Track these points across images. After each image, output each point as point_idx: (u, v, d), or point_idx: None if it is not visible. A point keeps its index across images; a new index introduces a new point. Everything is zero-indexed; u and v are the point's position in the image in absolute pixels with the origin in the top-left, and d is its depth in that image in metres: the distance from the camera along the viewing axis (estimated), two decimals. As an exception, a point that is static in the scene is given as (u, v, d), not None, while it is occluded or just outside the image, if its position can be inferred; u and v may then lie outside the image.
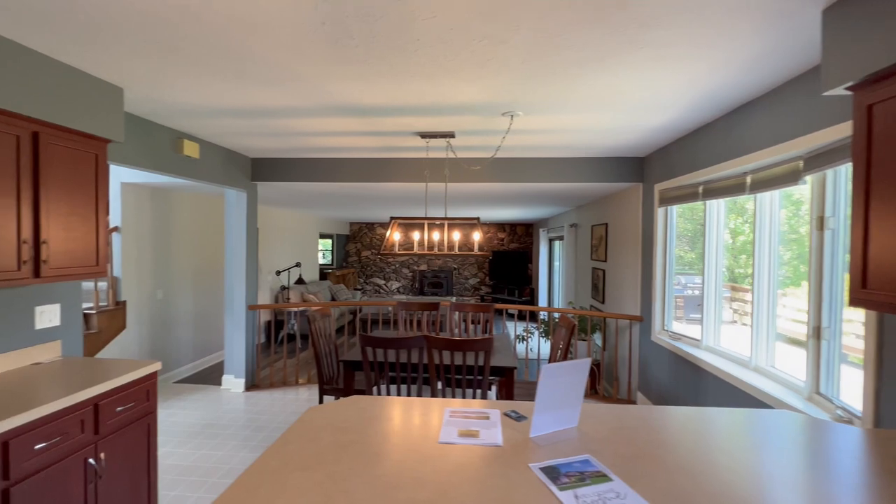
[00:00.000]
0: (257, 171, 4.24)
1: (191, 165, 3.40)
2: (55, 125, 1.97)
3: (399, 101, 2.51)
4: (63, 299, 2.35)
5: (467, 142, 3.38)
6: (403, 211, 7.29)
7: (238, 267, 4.24)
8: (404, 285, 11.90)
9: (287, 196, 5.55)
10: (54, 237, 1.97)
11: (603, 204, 5.24)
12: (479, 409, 1.66)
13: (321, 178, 4.13)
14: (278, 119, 2.88)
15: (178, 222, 5.18)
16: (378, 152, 3.85)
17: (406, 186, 4.26)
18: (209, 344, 5.76)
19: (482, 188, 4.40)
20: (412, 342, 2.55)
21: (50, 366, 2.15)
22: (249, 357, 4.30)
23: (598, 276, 5.27)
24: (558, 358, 3.00)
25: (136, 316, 4.58)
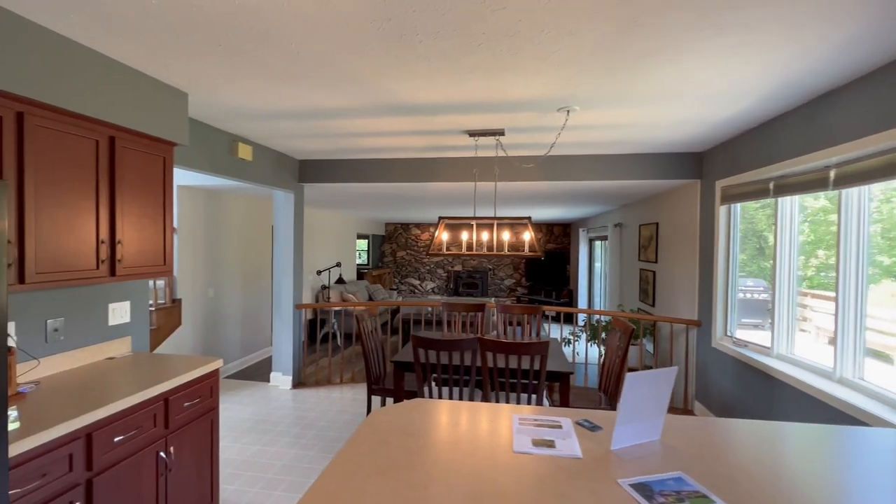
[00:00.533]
0: (304, 172, 4.32)
1: (244, 167, 3.50)
2: (129, 129, 2.05)
3: (453, 99, 2.46)
4: (133, 297, 2.45)
5: (516, 139, 3.30)
6: (447, 211, 7.25)
7: (286, 267, 4.33)
8: (439, 286, 11.90)
9: (329, 197, 5.64)
10: (128, 237, 2.05)
11: (653, 202, 5.01)
12: (549, 417, 1.58)
13: (366, 178, 4.16)
14: (329, 120, 2.90)
15: (228, 224, 5.36)
16: (424, 152, 3.83)
17: (451, 186, 4.22)
18: (255, 341, 5.94)
19: (528, 187, 4.30)
20: (465, 344, 2.50)
21: (122, 360, 2.24)
22: (296, 355, 4.39)
23: (647, 277, 5.05)
24: (614, 363, 2.86)
25: (190, 313, 4.77)
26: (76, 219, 1.81)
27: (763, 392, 2.83)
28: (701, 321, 3.69)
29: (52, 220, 1.71)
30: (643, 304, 5.17)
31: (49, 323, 2.00)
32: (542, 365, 2.45)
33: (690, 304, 3.91)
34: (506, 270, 11.50)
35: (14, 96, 1.58)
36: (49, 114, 1.71)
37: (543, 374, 2.46)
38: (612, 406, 2.81)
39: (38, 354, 1.95)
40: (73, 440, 1.52)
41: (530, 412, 1.64)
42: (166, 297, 4.49)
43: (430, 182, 4.01)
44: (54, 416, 1.53)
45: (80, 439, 1.54)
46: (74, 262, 1.80)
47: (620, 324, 3.00)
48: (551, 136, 3.21)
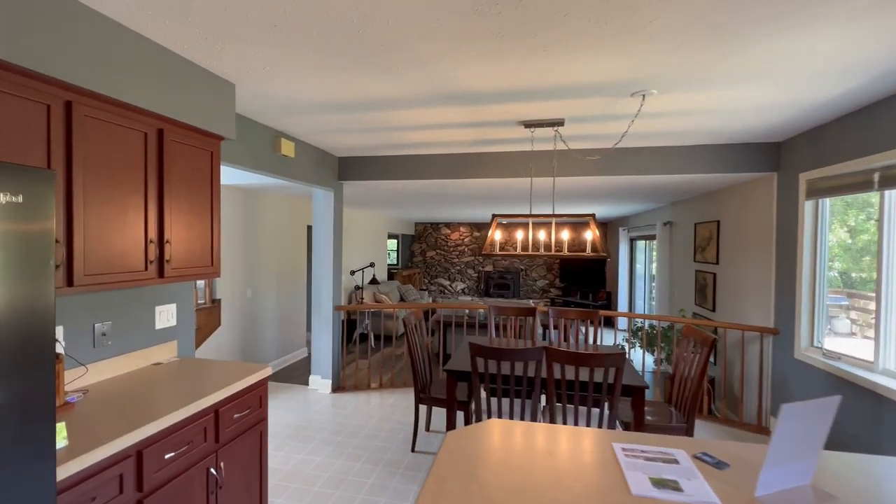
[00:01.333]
0: (344, 170, 4.19)
1: (287, 164, 3.37)
2: (177, 122, 1.92)
3: (517, 85, 2.24)
4: (179, 299, 2.34)
5: (575, 130, 3.04)
6: (491, 209, 7.01)
7: (325, 267, 4.21)
8: (469, 286, 11.68)
9: (364, 195, 5.51)
10: (176, 237, 1.92)
11: (712, 199, 4.64)
12: (658, 448, 1.34)
13: (408, 175, 3.98)
14: (379, 112, 2.73)
15: (265, 223, 5.31)
16: (470, 146, 3.62)
17: (497, 183, 3.99)
18: (290, 342, 5.88)
19: (580, 183, 4.03)
20: (530, 354, 2.27)
21: (169, 366, 2.13)
22: (335, 358, 4.26)
23: (706, 280, 4.68)
24: (693, 377, 2.57)
25: (229, 314, 4.72)
26: (125, 216, 1.68)
27: (867, 413, 2.48)
28: (779, 329, 3.34)
29: (100, 217, 1.59)
30: (701, 308, 4.79)
31: (97, 327, 1.89)
32: (617, 378, 2.20)
33: (763, 309, 3.55)
34: (538, 271, 11.17)
35: (62, 83, 1.46)
36: (97, 104, 1.59)
37: (618, 389, 2.21)
38: (688, 423, 2.52)
39: (85, 360, 1.85)
40: (124, 458, 1.38)
41: (633, 440, 1.40)
42: (206, 297, 4.45)
43: (476, 178, 3.80)
44: (104, 430, 1.40)
45: (130, 457, 1.41)
46: (123, 263, 1.68)
47: (695, 333, 2.70)
48: (616, 126, 2.94)
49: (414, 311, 3.25)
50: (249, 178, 4.31)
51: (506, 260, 11.35)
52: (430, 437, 3.28)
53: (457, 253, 11.72)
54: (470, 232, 11.57)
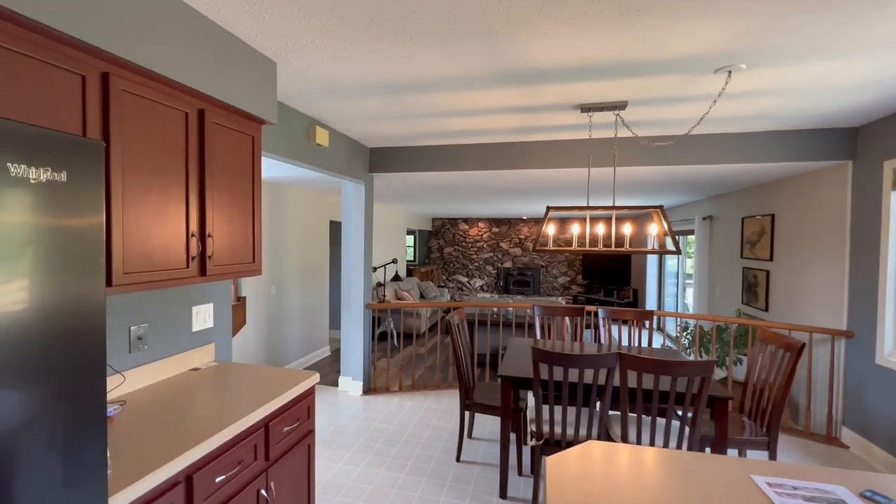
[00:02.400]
0: (375, 161, 3.98)
1: (320, 154, 3.18)
2: (219, 102, 1.72)
3: (589, 60, 2.00)
4: (216, 298, 2.16)
5: (635, 115, 2.79)
6: (529, 204, 6.75)
7: (356, 263, 4.02)
8: (488, 283, 11.46)
9: (388, 189, 5.30)
10: (218, 231, 1.73)
11: (764, 190, 4.34)
12: (813, 485, 1.11)
13: (444, 166, 3.76)
14: (425, 94, 2.51)
15: (289, 218, 5.13)
16: (514, 135, 3.38)
17: (546, 174, 3.74)
18: (313, 341, 5.72)
19: (630, 174, 3.76)
20: (602, 360, 2.05)
21: (207, 372, 1.94)
22: (366, 359, 4.07)
23: (757, 277, 4.39)
24: (776, 386, 2.32)
25: (254, 312, 4.56)
26: (165, 207, 1.49)
27: (977, 427, 2.21)
28: (854, 332, 3.06)
29: (140, 207, 1.40)
30: (751, 307, 4.51)
31: (133, 331, 1.71)
32: (702, 388, 1.96)
33: (833, 310, 3.27)
34: (559, 268, 10.90)
35: (98, 52, 1.27)
36: (136, 77, 1.39)
37: (704, 401, 1.97)
38: (770, 437, 2.28)
39: (122, 367, 1.67)
40: (173, 486, 1.20)
41: (774, 472, 1.17)
42: (232, 294, 4.29)
43: (518, 169, 3.56)
44: (148, 451, 1.21)
45: (180, 484, 1.22)
46: (164, 260, 1.49)
47: (776, 337, 2.45)
48: (682, 110, 2.68)
49: (457, 311, 3.04)
50: (273, 171, 4.13)
51: (525, 256, 11.11)
52: (473, 445, 3.07)
53: (475, 249, 11.50)
54: (489, 227, 11.33)
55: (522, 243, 11.13)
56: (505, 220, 11.24)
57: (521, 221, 11.12)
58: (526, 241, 11.09)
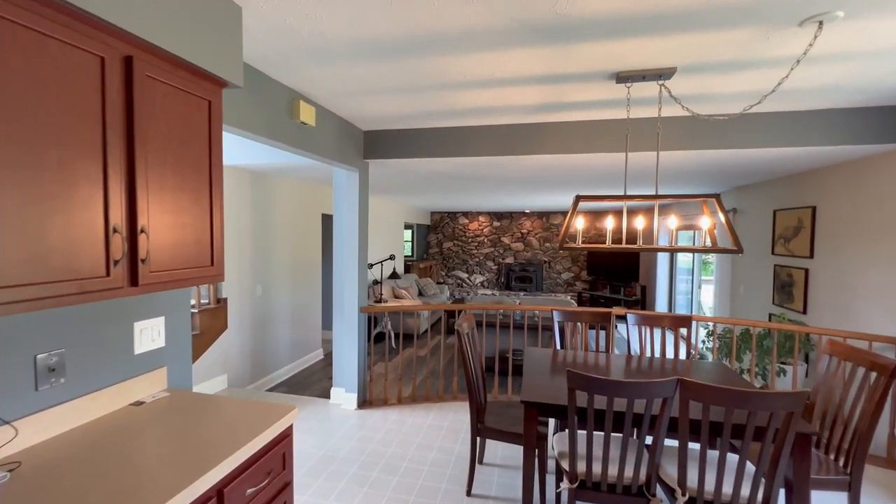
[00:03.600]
0: (370, 146, 3.52)
1: (306, 135, 2.71)
2: (156, 49, 1.26)
3: (637, 7, 1.56)
4: (169, 309, 1.71)
5: (682, 87, 2.35)
6: (546, 195, 6.27)
7: (349, 262, 3.56)
8: (489, 279, 11.04)
9: (385, 180, 4.84)
10: (156, 224, 1.27)
11: (802, 180, 3.93)
12: None
13: (451, 151, 3.30)
14: (432, 56, 2.06)
15: (276, 211, 4.67)
16: (534, 113, 2.92)
17: (570, 161, 3.29)
18: (305, 344, 5.28)
19: (670, 160, 3.30)
20: (658, 388, 1.62)
21: (154, 406, 1.50)
22: (362, 369, 3.64)
23: (793, 276, 3.99)
24: (859, 416, 1.91)
25: (237, 314, 4.11)
26: (70, 191, 1.04)
27: None
28: (925, 341, 2.66)
29: (23, 192, 0.94)
30: (786, 309, 4.11)
31: (40, 360, 1.26)
32: (788, 425, 1.54)
33: (893, 313, 2.87)
34: (563, 263, 10.49)
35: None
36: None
37: (790, 440, 1.55)
38: (853, 476, 1.87)
39: (21, 412, 1.22)
40: None
41: None
42: (211, 296, 3.84)
43: (540, 155, 3.11)
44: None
45: None
46: (69, 266, 1.04)
47: (850, 352, 2.03)
48: (745, 80, 2.24)
49: (466, 317, 2.60)
50: (255, 158, 3.67)
51: (528, 251, 10.69)
52: (486, 473, 2.66)
53: (475, 244, 11.07)
54: (490, 221, 10.89)
55: (525, 238, 10.70)
56: (507, 213, 10.80)
57: (523, 215, 10.69)
58: (528, 236, 10.67)
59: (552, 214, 10.48)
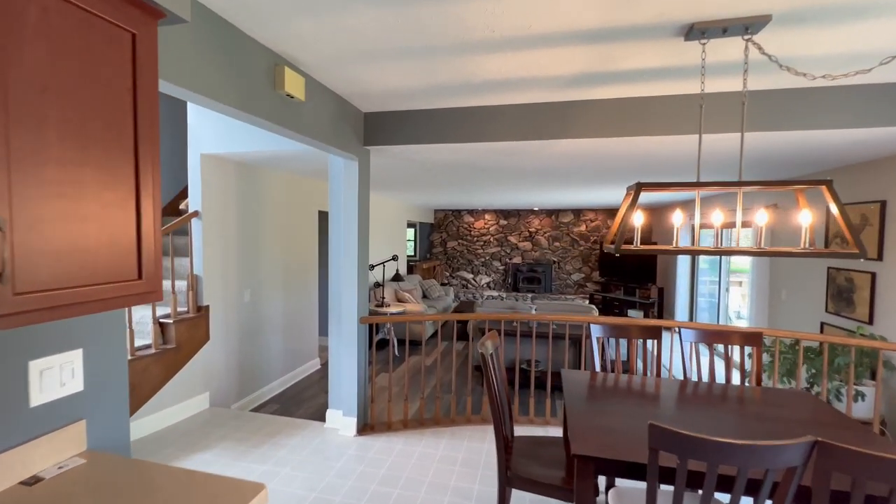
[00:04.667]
0: (371, 131, 3.02)
1: (292, 110, 2.22)
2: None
3: None
4: (90, 338, 1.22)
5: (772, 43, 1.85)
6: (571, 191, 5.71)
7: (347, 265, 3.08)
8: (495, 280, 10.56)
9: (387, 172, 4.35)
10: (28, 215, 0.79)
11: (864, 171, 3.43)
12: None
13: (470, 136, 2.81)
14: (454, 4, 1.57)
15: (267, 207, 4.18)
16: (574, 86, 2.42)
17: (608, 147, 2.78)
18: (300, 353, 4.80)
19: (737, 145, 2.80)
20: (782, 455, 1.13)
21: (55, 486, 1.02)
22: (362, 388, 3.15)
23: (854, 281, 3.49)
24: None
25: (221, 324, 3.63)
26: None
27: None
28: None
29: None
30: (842, 318, 3.61)
31: None
32: None
33: None
34: (573, 263, 10.00)
35: None
36: None
37: None
38: None
39: None
40: None
41: None
42: (189, 304, 3.36)
43: (578, 139, 2.61)
44: None
45: None
46: None
47: None
48: (853, 34, 1.75)
49: (490, 335, 2.12)
50: (243, 144, 3.19)
51: (536, 251, 10.19)
52: (512, 525, 2.17)
53: (481, 243, 10.58)
54: (496, 220, 10.40)
55: (533, 237, 10.21)
56: (514, 211, 10.31)
57: (531, 213, 10.20)
58: (537, 235, 10.17)
59: (561, 212, 9.99)
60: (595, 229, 9.83)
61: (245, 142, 3.20)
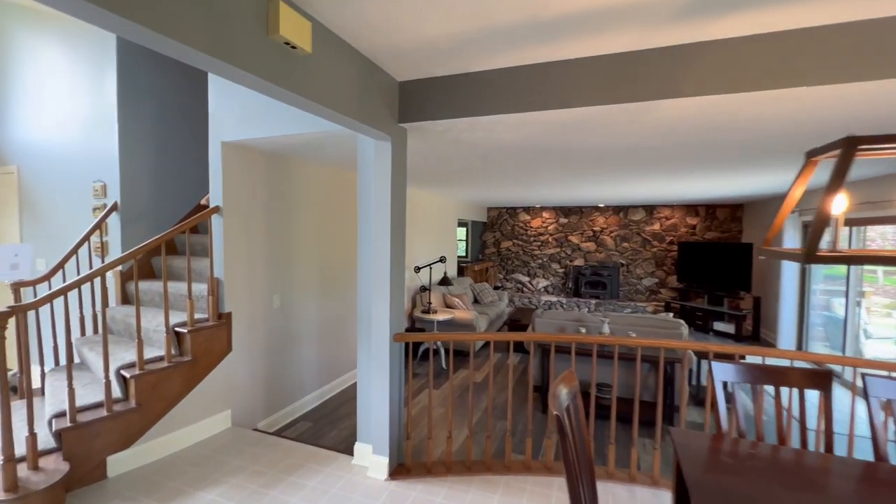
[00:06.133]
0: (409, 104, 2.44)
1: (294, 66, 1.68)
2: None
3: None
4: None
5: None
6: (646, 182, 4.73)
7: (378, 270, 2.52)
8: (554, 283, 9.67)
9: (428, 163, 3.75)
10: None
11: None
12: None
13: (533, 103, 2.13)
14: None
15: (301, 204, 3.77)
16: (682, 21, 1.69)
17: (732, 105, 1.98)
18: (338, 364, 4.36)
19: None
20: None
21: None
22: (396, 421, 2.58)
23: None
24: None
25: (246, 332, 3.24)
26: None
27: None
28: None
29: None
30: None
31: None
32: None
33: None
34: (645, 266, 8.86)
35: None
36: None
37: None
38: None
39: None
40: None
41: None
42: (210, 311, 2.99)
43: (689, 97, 1.85)
44: None
45: None
46: None
47: None
48: None
49: (566, 378, 1.44)
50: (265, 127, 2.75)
51: (601, 252, 9.16)
52: None
53: (538, 243, 9.74)
54: (555, 218, 9.50)
55: (597, 237, 9.20)
56: (575, 208, 9.36)
57: (595, 210, 9.20)
58: (602, 235, 9.15)
59: (631, 209, 8.89)
60: (671, 228, 8.62)
61: (266, 125, 2.76)
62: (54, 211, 3.78)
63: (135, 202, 3.48)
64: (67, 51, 3.57)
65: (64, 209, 3.71)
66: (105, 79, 3.40)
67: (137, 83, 3.48)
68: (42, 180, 3.82)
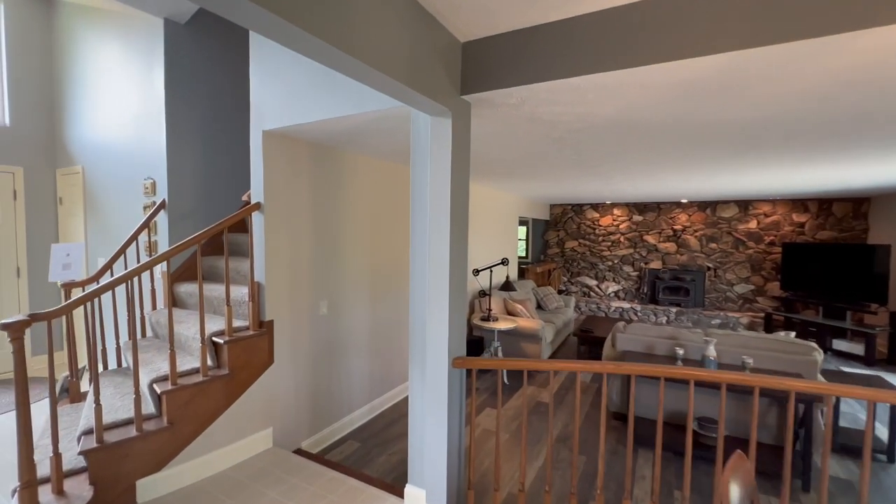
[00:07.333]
0: (474, 70, 1.94)
1: (332, 15, 1.25)
2: None
3: None
4: None
5: None
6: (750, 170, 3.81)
7: (434, 277, 2.04)
8: (626, 288, 8.72)
9: (494, 151, 3.22)
10: None
11: None
12: None
13: (650, 55, 1.55)
14: None
15: (352, 201, 3.42)
16: None
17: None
18: (391, 376, 3.99)
19: None
20: None
21: None
22: (454, 464, 2.10)
23: None
24: None
25: (289, 342, 2.93)
26: None
27: None
28: None
29: None
30: None
31: None
32: None
33: None
34: (738, 271, 7.66)
35: None
36: None
37: None
38: None
39: None
40: None
41: None
42: (250, 318, 2.70)
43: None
44: None
45: None
46: None
47: None
48: None
49: (736, 468, 0.86)
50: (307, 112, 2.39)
51: (683, 254, 8.08)
52: None
53: (608, 244, 8.83)
54: (628, 215, 8.55)
55: (679, 236, 8.13)
56: (652, 204, 8.36)
57: (676, 206, 8.14)
58: (684, 234, 8.06)
59: (720, 204, 7.73)
60: (772, 226, 7.36)
61: (310, 109, 2.40)
62: (112, 209, 3.74)
63: (182, 200, 3.32)
64: (121, 45, 3.49)
65: (120, 207, 3.66)
66: (153, 70, 3.25)
67: (184, 73, 3.31)
68: (102, 178, 3.81)
